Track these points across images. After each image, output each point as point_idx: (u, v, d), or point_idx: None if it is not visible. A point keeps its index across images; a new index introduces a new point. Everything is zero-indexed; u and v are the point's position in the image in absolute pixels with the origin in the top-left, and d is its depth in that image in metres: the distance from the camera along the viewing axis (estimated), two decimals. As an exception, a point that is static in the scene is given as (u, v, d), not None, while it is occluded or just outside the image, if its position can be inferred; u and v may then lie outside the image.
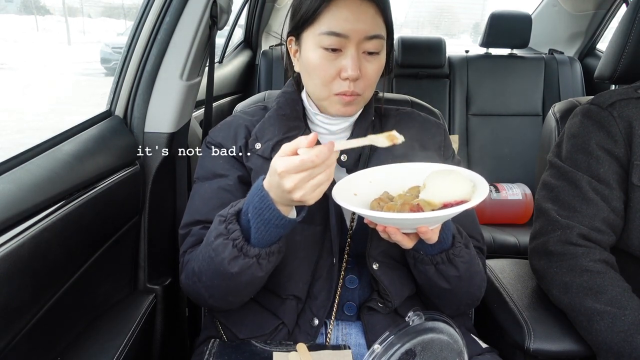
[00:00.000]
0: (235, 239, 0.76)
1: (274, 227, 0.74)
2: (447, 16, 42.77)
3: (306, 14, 0.84)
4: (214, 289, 0.83)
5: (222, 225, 0.77)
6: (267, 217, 0.73)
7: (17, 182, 0.78)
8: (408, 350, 0.70)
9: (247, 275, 0.78)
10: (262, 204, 0.73)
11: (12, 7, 14.77)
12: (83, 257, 0.92)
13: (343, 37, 0.82)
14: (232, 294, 0.84)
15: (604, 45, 2.42)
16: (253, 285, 0.83)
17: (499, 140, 2.44)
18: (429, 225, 0.72)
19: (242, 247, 0.75)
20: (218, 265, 0.78)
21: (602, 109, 1.04)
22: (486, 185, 0.74)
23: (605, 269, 0.95)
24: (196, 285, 0.85)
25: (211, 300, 0.86)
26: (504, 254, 1.89)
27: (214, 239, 0.77)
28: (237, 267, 0.76)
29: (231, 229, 0.76)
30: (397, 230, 0.74)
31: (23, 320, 0.76)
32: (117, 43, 8.74)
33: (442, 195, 0.72)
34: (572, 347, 0.96)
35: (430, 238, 0.74)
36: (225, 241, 0.76)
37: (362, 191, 0.81)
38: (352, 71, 0.83)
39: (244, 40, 2.77)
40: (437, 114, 1.19)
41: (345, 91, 0.85)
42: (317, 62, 0.85)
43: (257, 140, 0.92)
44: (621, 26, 1.11)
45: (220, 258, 0.77)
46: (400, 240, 0.75)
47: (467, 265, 0.84)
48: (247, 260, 0.76)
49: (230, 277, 0.78)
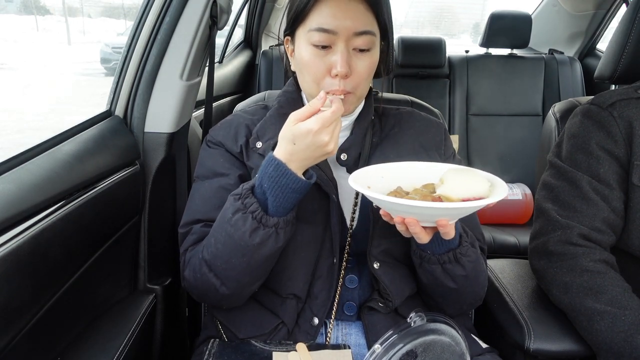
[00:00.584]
0: (254, 211, 0.78)
1: (291, 192, 0.77)
2: (447, 16, 42.78)
3: (297, 12, 0.85)
4: (230, 271, 0.82)
5: (238, 202, 0.79)
6: (284, 182, 0.76)
7: (17, 182, 0.78)
8: (409, 351, 0.70)
9: (267, 246, 0.79)
10: (277, 171, 0.76)
11: (12, 7, 14.78)
12: (83, 257, 0.92)
13: (331, 33, 0.82)
14: (250, 272, 0.83)
15: (604, 45, 2.42)
16: (271, 261, 0.84)
17: (499, 140, 2.44)
18: (451, 219, 0.72)
19: (261, 218, 0.78)
20: (239, 240, 0.79)
21: (602, 109, 1.04)
22: (504, 185, 0.75)
23: (605, 269, 0.95)
24: (205, 277, 0.84)
25: (222, 289, 0.84)
26: (504, 254, 1.89)
27: (232, 214, 0.79)
28: (258, 237, 0.78)
29: (248, 203, 0.78)
30: (417, 222, 0.73)
31: (23, 320, 0.76)
32: (117, 43, 8.75)
33: (461, 191, 0.72)
34: (572, 347, 0.96)
35: (448, 232, 0.74)
36: (244, 215, 0.78)
37: (375, 185, 0.81)
38: (340, 67, 0.82)
39: (244, 40, 2.77)
40: (437, 114, 1.19)
41: (335, 90, 0.85)
42: (308, 59, 0.85)
43: (258, 139, 0.92)
44: (621, 26, 1.11)
45: (240, 232, 0.78)
46: (419, 232, 0.74)
47: (473, 265, 0.84)
48: (267, 230, 0.78)
49: (251, 250, 0.79)
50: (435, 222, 0.72)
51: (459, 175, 0.75)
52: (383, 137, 0.98)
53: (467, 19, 37.29)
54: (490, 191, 0.74)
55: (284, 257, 0.88)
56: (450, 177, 0.75)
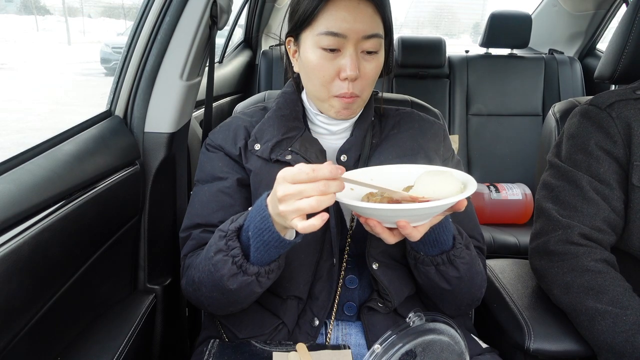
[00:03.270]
0: (235, 256, 0.75)
1: (274, 249, 0.73)
2: (447, 16, 42.79)
3: (304, 15, 0.84)
4: (213, 300, 0.84)
5: (222, 241, 0.77)
6: (267, 238, 0.72)
7: (17, 182, 0.78)
8: (409, 350, 0.70)
9: (245, 291, 0.78)
10: (263, 224, 0.72)
11: (12, 7, 14.78)
12: (83, 257, 0.92)
13: (341, 37, 0.82)
14: (231, 305, 0.84)
15: (604, 45, 2.42)
16: (252, 298, 0.83)
17: (499, 140, 2.44)
18: (410, 221, 0.70)
19: (241, 264, 0.75)
20: (217, 281, 0.78)
21: (601, 109, 1.04)
22: (474, 186, 0.72)
23: (606, 268, 0.95)
24: (196, 294, 0.86)
25: (210, 309, 0.87)
26: (504, 254, 1.89)
27: (214, 254, 0.77)
28: (236, 284, 0.76)
29: (231, 246, 0.76)
30: (378, 223, 0.72)
31: (23, 320, 0.76)
32: (117, 43, 8.75)
33: (429, 194, 0.71)
34: (572, 347, 0.96)
35: (411, 234, 0.71)
36: (224, 257, 0.76)
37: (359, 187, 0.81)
38: (350, 71, 0.82)
39: (244, 40, 2.77)
40: (437, 114, 1.19)
41: (344, 93, 0.85)
42: (316, 63, 0.85)
43: (257, 141, 0.92)
44: (621, 26, 1.11)
45: (219, 274, 0.77)
46: (381, 233, 0.73)
47: (467, 266, 0.84)
48: (247, 277, 0.76)
49: (229, 292, 0.78)
50: (395, 223, 0.71)
51: (430, 177, 0.74)
52: (383, 138, 0.98)
53: (467, 19, 37.30)
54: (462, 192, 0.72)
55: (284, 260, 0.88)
56: (422, 179, 0.74)
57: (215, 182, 0.93)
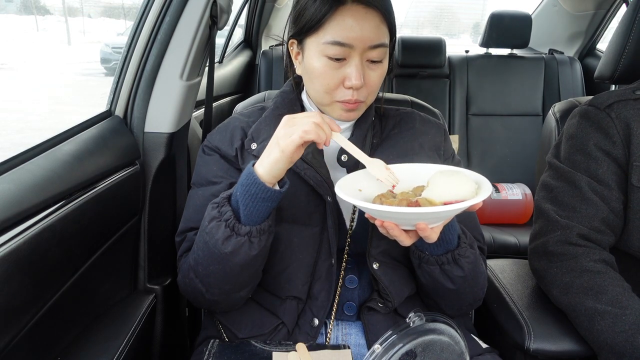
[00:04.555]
0: (227, 219, 0.78)
1: (261, 201, 0.76)
2: (447, 16, 42.80)
3: (311, 22, 0.83)
4: (210, 278, 0.83)
5: (214, 210, 0.79)
6: (254, 191, 0.75)
7: (17, 182, 0.78)
8: (409, 351, 0.70)
9: (240, 255, 0.79)
10: (248, 179, 0.76)
11: (12, 7, 14.78)
12: (83, 257, 0.92)
13: (348, 46, 0.82)
14: (228, 280, 0.83)
15: (604, 45, 2.42)
16: (248, 269, 0.83)
17: (499, 140, 2.44)
18: (429, 223, 0.72)
19: (233, 226, 0.78)
20: (213, 248, 0.79)
21: (600, 110, 1.03)
22: (489, 188, 0.73)
23: (605, 269, 0.95)
24: (193, 282, 0.86)
25: (208, 295, 0.86)
26: (504, 254, 1.89)
27: (208, 222, 0.80)
28: (230, 246, 0.78)
29: (223, 211, 0.78)
30: (396, 225, 0.73)
31: (23, 320, 0.76)
32: (117, 43, 8.76)
33: (444, 195, 0.72)
34: (572, 347, 0.96)
35: (429, 236, 0.73)
36: (218, 223, 0.78)
37: (368, 188, 0.81)
38: (355, 80, 0.82)
39: (244, 40, 2.77)
40: (437, 114, 1.19)
41: (348, 99, 0.85)
42: (321, 71, 0.84)
43: (253, 140, 0.92)
44: (621, 26, 1.11)
45: (214, 240, 0.78)
46: (398, 236, 0.74)
47: (472, 266, 0.84)
48: (240, 238, 0.77)
49: (225, 258, 0.79)
50: (414, 225, 0.72)
51: (445, 178, 0.74)
52: (383, 138, 0.98)
53: (467, 19, 37.31)
54: (476, 193, 0.73)
55: (281, 260, 0.88)
56: (436, 180, 0.75)
57: (209, 186, 0.93)
